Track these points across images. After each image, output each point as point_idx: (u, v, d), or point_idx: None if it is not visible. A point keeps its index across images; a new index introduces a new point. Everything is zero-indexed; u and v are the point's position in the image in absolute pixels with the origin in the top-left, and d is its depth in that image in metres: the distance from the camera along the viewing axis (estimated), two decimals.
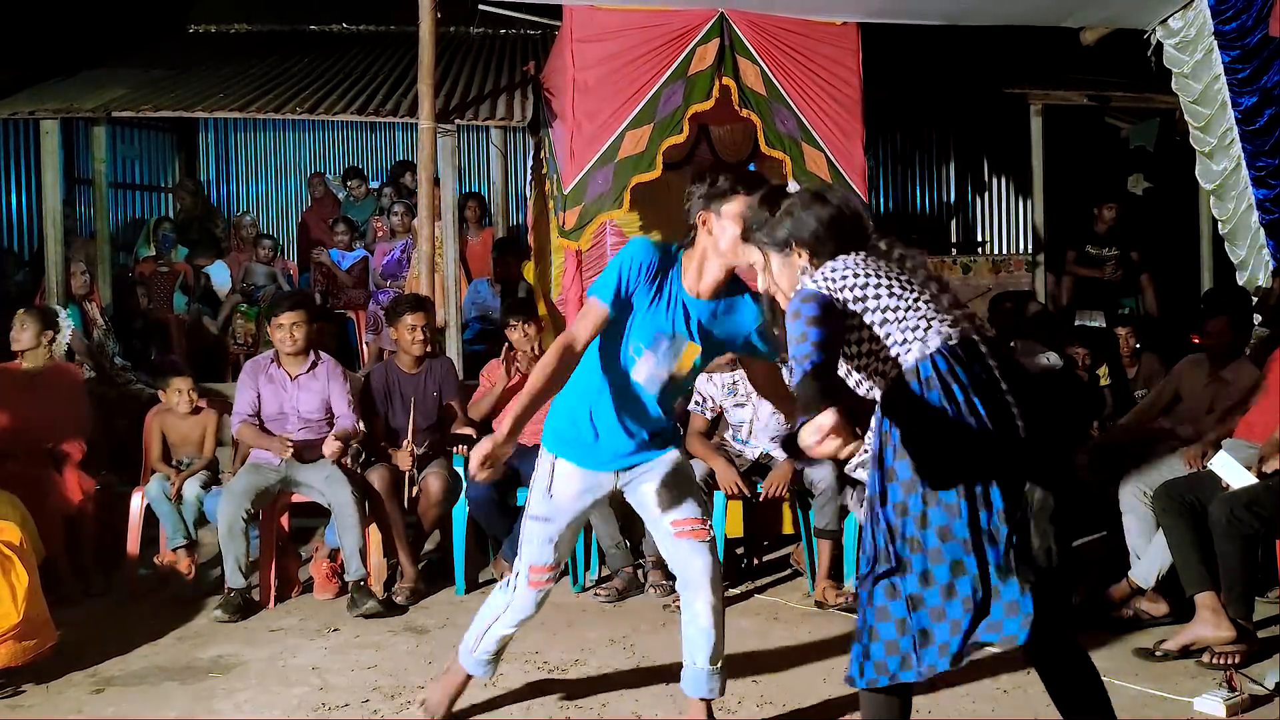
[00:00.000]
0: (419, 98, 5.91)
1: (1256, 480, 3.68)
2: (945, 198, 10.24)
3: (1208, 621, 3.56)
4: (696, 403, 4.68)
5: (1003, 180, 10.01)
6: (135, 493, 4.81)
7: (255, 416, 4.61)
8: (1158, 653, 3.60)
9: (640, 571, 4.58)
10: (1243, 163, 5.41)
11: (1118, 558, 4.19)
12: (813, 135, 5.60)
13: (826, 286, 2.24)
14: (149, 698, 3.48)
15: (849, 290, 2.23)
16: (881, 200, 10.08)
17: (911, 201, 10.29)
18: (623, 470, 2.94)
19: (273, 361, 4.66)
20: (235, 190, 10.79)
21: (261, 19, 9.55)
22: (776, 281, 2.42)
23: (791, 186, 2.49)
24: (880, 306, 2.23)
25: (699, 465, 4.36)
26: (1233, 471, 3.72)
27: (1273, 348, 4.19)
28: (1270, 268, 5.35)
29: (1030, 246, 8.04)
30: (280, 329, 4.60)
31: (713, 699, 3.03)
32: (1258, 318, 5.17)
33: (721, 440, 4.76)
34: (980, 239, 9.90)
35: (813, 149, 5.61)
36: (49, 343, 4.86)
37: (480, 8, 6.18)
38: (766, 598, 4.53)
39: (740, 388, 4.64)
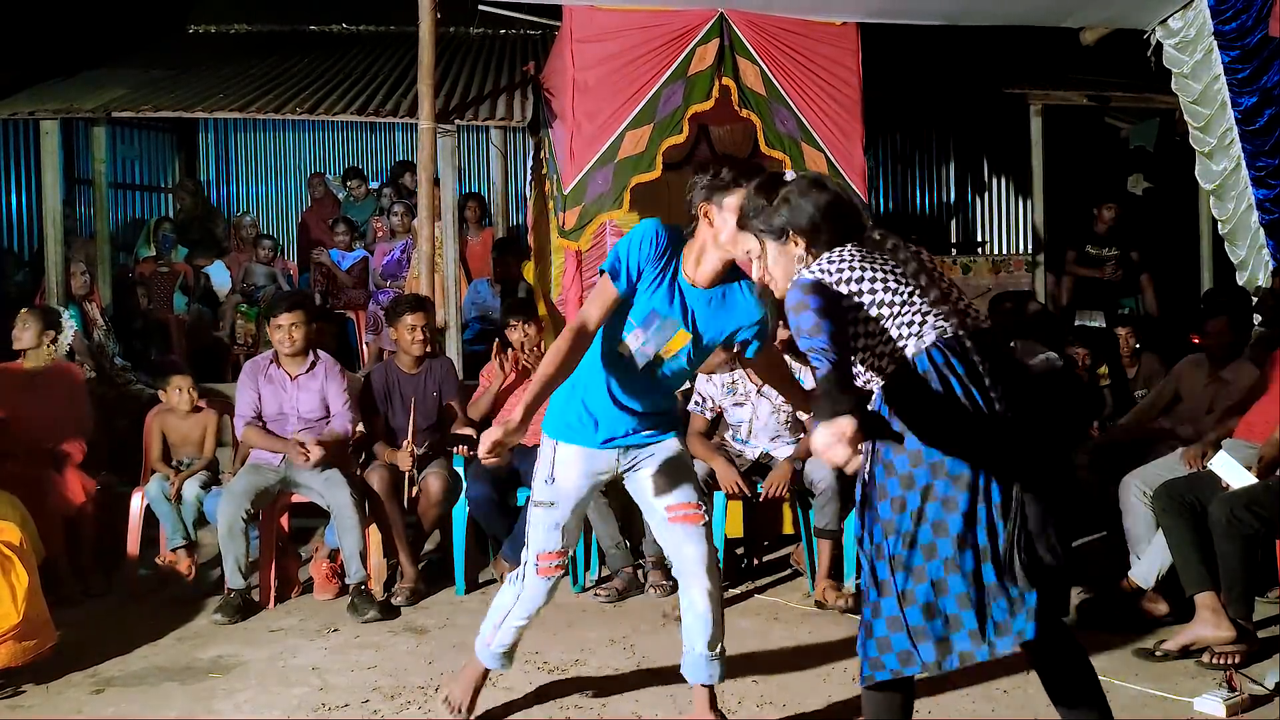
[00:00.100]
0: (419, 98, 5.91)
1: (1256, 480, 3.68)
2: (945, 198, 10.25)
3: (1208, 621, 3.56)
4: (696, 403, 4.68)
5: (1003, 180, 10.01)
6: (135, 493, 4.82)
7: (258, 418, 4.61)
8: (1158, 653, 3.60)
9: (640, 572, 4.58)
10: (1242, 163, 5.41)
11: (1118, 558, 4.19)
12: (812, 135, 5.61)
13: (825, 277, 2.24)
14: (149, 698, 3.48)
15: (848, 283, 2.23)
16: (881, 200, 10.08)
17: (911, 201, 10.29)
18: (623, 452, 2.95)
19: (272, 362, 4.66)
20: (235, 190, 10.79)
21: (261, 19, 9.55)
22: (771, 270, 2.41)
23: (789, 175, 2.48)
24: (877, 301, 2.23)
25: (699, 466, 4.36)
26: (1233, 471, 3.72)
27: (1273, 348, 4.19)
28: (1270, 268, 5.35)
29: (1030, 246, 8.04)
30: (279, 330, 4.60)
31: (713, 684, 3.04)
32: (1258, 318, 5.18)
33: (721, 440, 4.75)
34: (980, 239, 9.91)
35: (812, 149, 5.62)
36: (50, 343, 4.86)
37: (480, 8, 6.18)
38: (766, 598, 4.53)
39: (739, 387, 4.64)
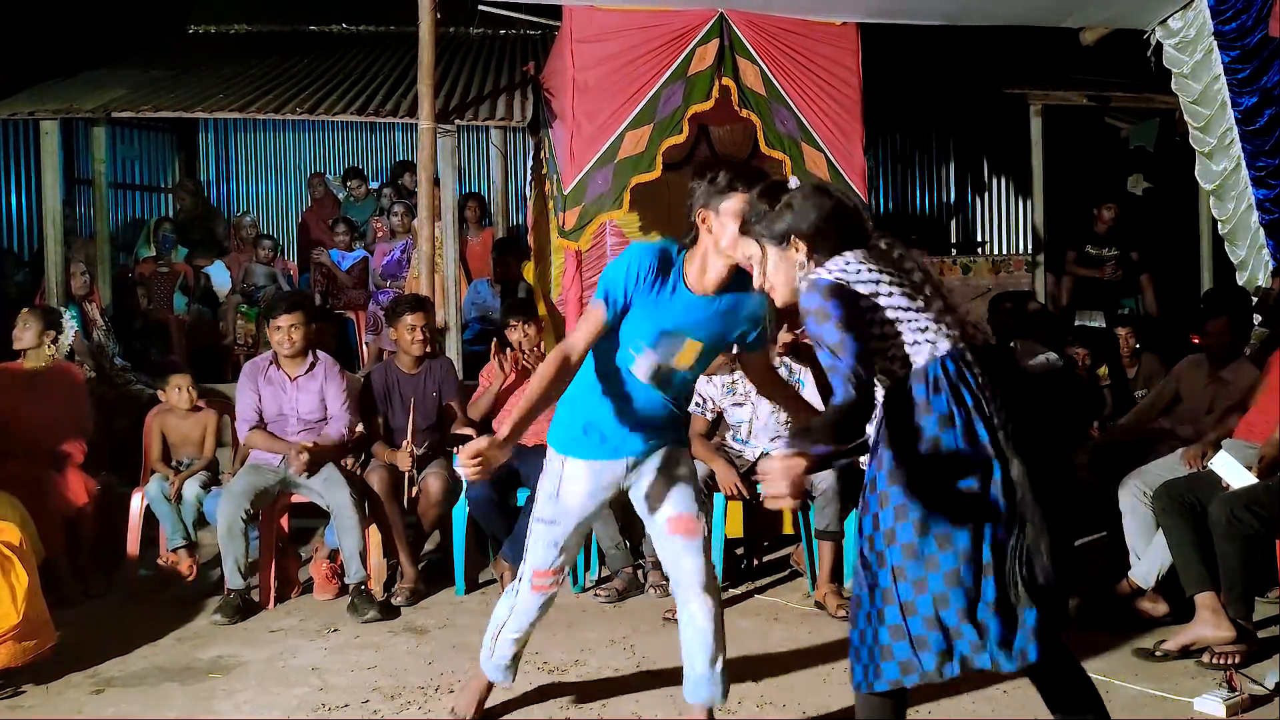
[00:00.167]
0: (419, 98, 5.90)
1: (1256, 480, 3.68)
2: (945, 198, 10.25)
3: (1208, 621, 3.56)
4: (697, 404, 4.68)
5: (1003, 180, 10.01)
6: (135, 493, 4.82)
7: (260, 420, 4.61)
8: (1158, 653, 3.60)
9: (640, 572, 4.58)
10: (1242, 163, 5.41)
11: (1118, 558, 4.19)
12: (812, 135, 5.60)
13: (840, 275, 2.21)
14: (149, 698, 3.48)
15: (862, 284, 2.21)
16: (881, 200, 10.08)
17: (911, 202, 10.29)
18: (631, 466, 2.91)
19: (271, 363, 4.66)
20: (235, 190, 10.79)
21: (261, 19, 9.55)
22: (772, 277, 2.39)
23: (792, 182, 2.46)
24: (893, 305, 2.21)
25: (700, 467, 4.36)
26: (1233, 471, 3.72)
27: (1273, 348, 4.19)
28: (1270, 268, 5.35)
29: (1030, 247, 8.04)
30: (278, 331, 4.59)
31: (713, 706, 3.00)
32: (1258, 318, 5.18)
33: (722, 441, 4.76)
34: (980, 239, 9.90)
35: (812, 149, 5.61)
36: (51, 343, 4.86)
37: (480, 8, 6.17)
38: (766, 598, 4.53)
39: (739, 388, 4.64)
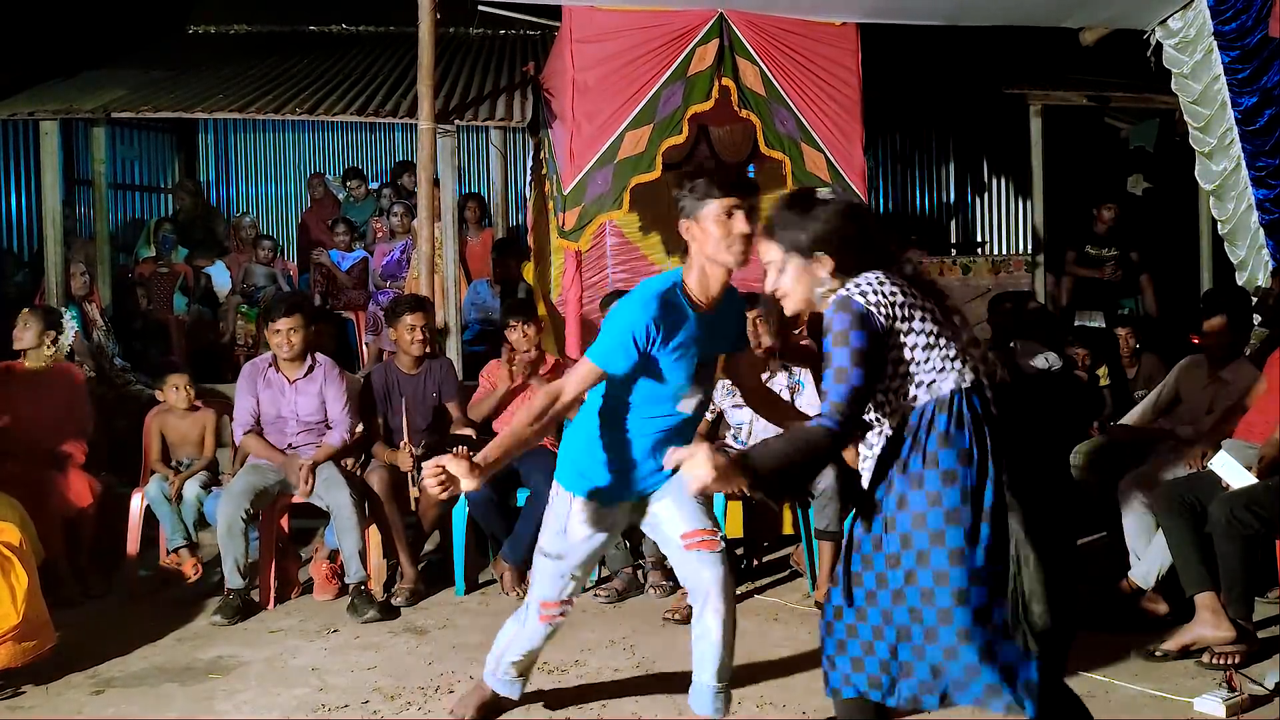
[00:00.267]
0: (419, 98, 5.90)
1: (1256, 480, 3.68)
2: (945, 198, 10.25)
3: (1208, 622, 3.56)
4: None
5: (1002, 180, 10.01)
6: (135, 494, 4.82)
7: (257, 424, 4.61)
8: (1158, 653, 3.60)
9: (640, 572, 4.58)
10: (1242, 163, 5.41)
11: (1118, 558, 4.19)
12: (812, 136, 5.61)
13: (875, 296, 2.17)
14: (149, 699, 3.48)
15: (898, 307, 2.17)
16: (881, 200, 10.08)
17: (911, 202, 10.29)
18: (639, 497, 2.94)
19: (270, 365, 4.65)
20: (235, 191, 10.79)
21: (261, 20, 9.55)
22: (787, 286, 2.33)
23: (824, 192, 2.39)
24: (924, 330, 2.18)
25: None
26: (1233, 471, 3.72)
27: (1273, 348, 4.19)
28: (1270, 268, 5.35)
29: (1030, 247, 8.04)
30: (277, 334, 4.58)
31: (717, 718, 3.00)
32: (1257, 318, 5.18)
33: (722, 441, 4.75)
34: (980, 239, 9.90)
35: (812, 149, 5.61)
36: (51, 343, 4.86)
37: (480, 8, 6.18)
38: (766, 598, 4.53)
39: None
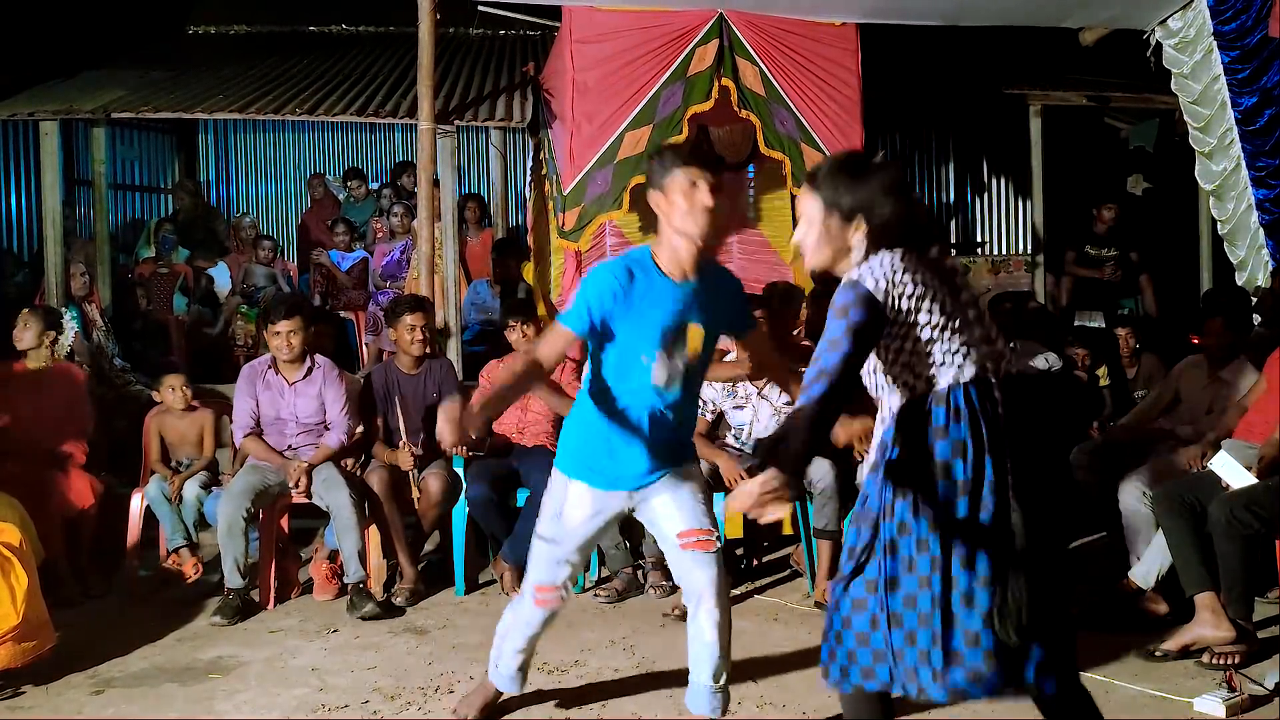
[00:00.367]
0: (418, 99, 5.90)
1: (1256, 480, 3.68)
2: (945, 198, 10.24)
3: (1208, 622, 3.56)
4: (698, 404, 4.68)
5: (1002, 180, 10.01)
6: (134, 494, 4.82)
7: (257, 426, 4.61)
8: (1158, 653, 3.60)
9: (640, 572, 4.58)
10: (1242, 163, 5.41)
11: (1118, 558, 4.19)
12: (812, 136, 5.61)
13: (885, 283, 2.16)
14: (149, 699, 3.48)
15: (907, 297, 2.17)
16: None
17: None
18: (636, 490, 2.92)
19: (269, 367, 4.65)
20: (235, 191, 10.79)
21: (261, 20, 9.55)
22: (814, 241, 2.30)
23: (879, 158, 2.34)
24: (930, 322, 2.18)
25: (702, 465, 4.36)
26: (1233, 471, 3.72)
27: (1272, 348, 4.19)
28: (1270, 268, 5.35)
29: (1030, 247, 8.04)
30: (277, 336, 4.58)
31: (714, 718, 3.00)
32: (1257, 318, 5.17)
33: (723, 442, 4.76)
34: (980, 239, 9.90)
35: (812, 150, 5.62)
36: (50, 344, 4.86)
37: (480, 9, 6.18)
38: (766, 598, 4.53)
39: (739, 390, 4.64)
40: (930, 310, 2.18)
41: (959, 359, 2.18)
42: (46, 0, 8.15)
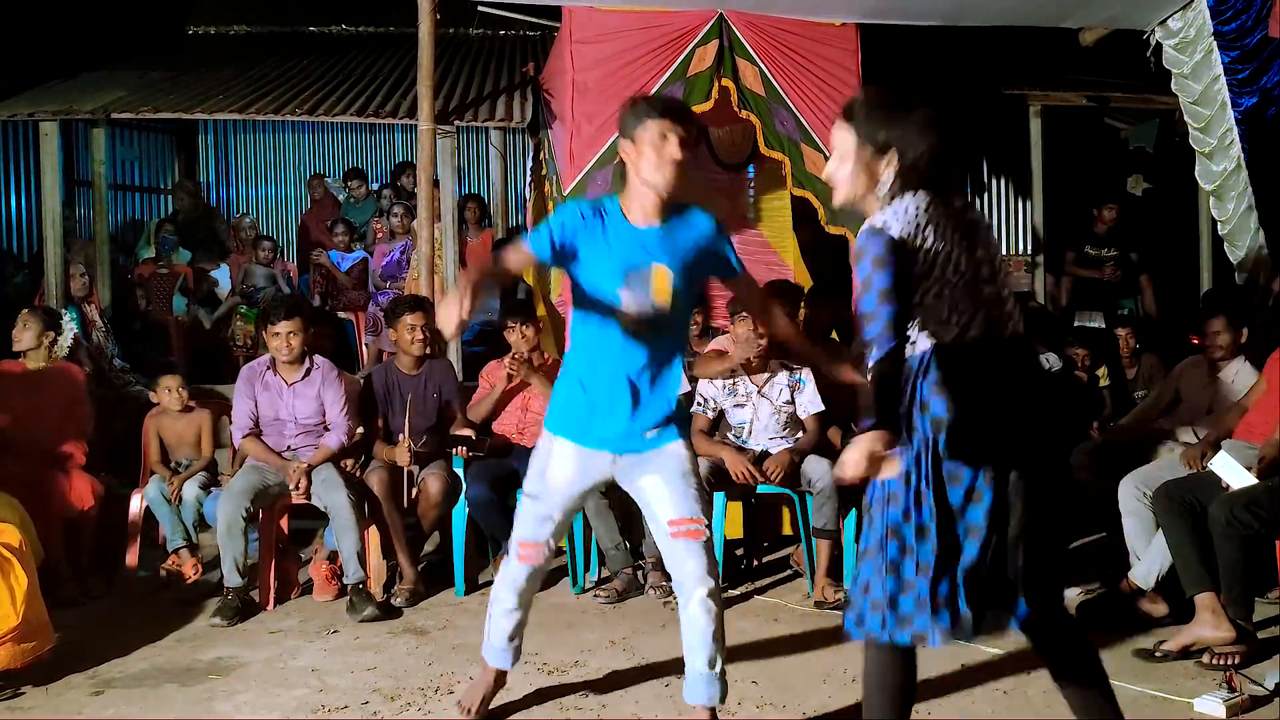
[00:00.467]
0: (418, 99, 5.90)
1: (1256, 480, 3.68)
2: None
3: (1208, 622, 3.56)
4: (698, 403, 4.69)
5: (1002, 181, 10.00)
6: (134, 495, 4.82)
7: (256, 427, 4.61)
8: (1158, 653, 3.60)
9: (640, 573, 4.58)
10: (1243, 163, 5.41)
11: (1118, 558, 4.19)
12: (812, 136, 5.60)
13: (910, 229, 2.17)
14: (148, 700, 3.48)
15: (925, 251, 2.17)
16: None
17: None
18: (620, 455, 2.92)
19: (269, 368, 4.65)
20: (235, 192, 10.80)
21: (261, 21, 9.56)
22: (846, 176, 2.30)
23: (918, 96, 2.36)
24: (942, 278, 2.19)
25: (703, 463, 4.35)
26: (1233, 472, 3.72)
27: (1272, 348, 4.19)
28: (1257, 231, 5.35)
29: (1029, 247, 8.03)
30: (276, 337, 4.58)
31: (713, 705, 2.99)
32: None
33: (724, 440, 4.75)
34: None
35: (812, 150, 5.61)
36: (50, 344, 4.86)
37: (479, 9, 6.18)
38: (766, 598, 4.53)
39: (740, 388, 4.64)
40: (944, 266, 2.19)
41: (964, 318, 2.19)
42: (46, 0, 8.16)
